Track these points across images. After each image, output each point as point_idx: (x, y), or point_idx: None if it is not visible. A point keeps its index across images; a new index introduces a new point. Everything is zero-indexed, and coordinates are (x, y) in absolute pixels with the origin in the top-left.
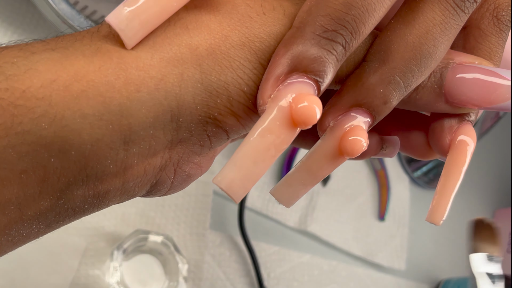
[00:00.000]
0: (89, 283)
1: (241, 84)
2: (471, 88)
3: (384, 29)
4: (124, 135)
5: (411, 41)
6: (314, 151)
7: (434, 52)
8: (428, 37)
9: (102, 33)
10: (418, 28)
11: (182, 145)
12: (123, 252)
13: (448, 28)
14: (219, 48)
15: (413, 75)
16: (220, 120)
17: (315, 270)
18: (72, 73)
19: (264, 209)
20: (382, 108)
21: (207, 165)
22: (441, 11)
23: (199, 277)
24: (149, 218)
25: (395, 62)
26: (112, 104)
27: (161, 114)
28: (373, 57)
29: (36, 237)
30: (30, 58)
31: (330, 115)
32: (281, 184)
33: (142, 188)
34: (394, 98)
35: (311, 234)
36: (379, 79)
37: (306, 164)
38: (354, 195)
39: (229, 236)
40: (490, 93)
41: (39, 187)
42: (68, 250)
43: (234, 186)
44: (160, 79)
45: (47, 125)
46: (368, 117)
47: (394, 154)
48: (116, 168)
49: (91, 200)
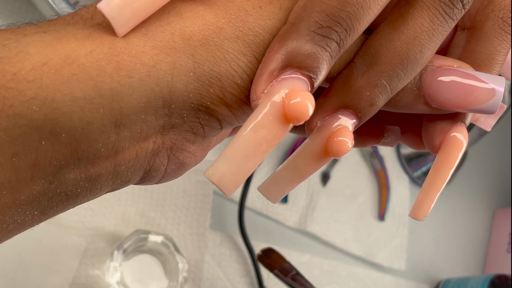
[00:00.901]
0: (89, 283)
1: (235, 76)
2: (449, 90)
3: (374, 32)
4: (115, 119)
5: (399, 47)
6: (301, 150)
7: (421, 57)
8: (416, 43)
9: (96, 20)
10: (406, 33)
11: (174, 131)
12: (123, 252)
13: (435, 35)
14: (213, 40)
15: (399, 79)
16: (213, 109)
17: (315, 270)
18: (63, 56)
19: (264, 209)
20: (368, 110)
21: (201, 155)
22: (429, 18)
23: (199, 277)
24: (149, 218)
25: (382, 66)
26: (103, 88)
27: (152, 100)
28: (361, 59)
29: (31, 225)
30: (22, 40)
31: (317, 116)
32: (269, 181)
33: (135, 174)
34: (380, 101)
35: (311, 234)
36: (367, 82)
37: (293, 163)
38: (354, 195)
39: (229, 236)
40: (468, 96)
41: (31, 170)
42: (68, 250)
43: (225, 180)
44: (152, 66)
45: (38, 107)
46: (355, 119)
47: (395, 144)
48: (107, 151)
49: (83, 183)
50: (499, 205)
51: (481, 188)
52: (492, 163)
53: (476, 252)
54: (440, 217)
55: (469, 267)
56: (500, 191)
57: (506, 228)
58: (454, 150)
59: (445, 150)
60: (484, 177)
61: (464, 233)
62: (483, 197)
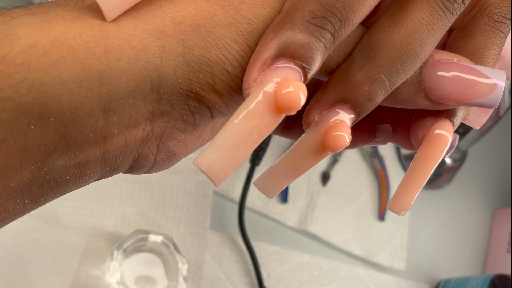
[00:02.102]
0: (89, 283)
1: (225, 63)
2: (449, 84)
3: (373, 26)
4: (103, 103)
5: (398, 41)
6: (298, 145)
7: (420, 52)
8: (415, 37)
9: (86, 2)
10: (406, 27)
11: (164, 118)
12: (123, 252)
13: (435, 29)
14: (204, 25)
15: (398, 73)
16: (203, 95)
17: (315, 270)
18: (52, 38)
19: (264, 209)
20: (366, 105)
21: (192, 145)
22: (429, 12)
23: (199, 277)
24: (149, 218)
25: (381, 60)
26: (91, 72)
27: (141, 84)
28: (360, 53)
29: (23, 213)
30: (10, 23)
31: (315, 110)
32: (265, 176)
33: (123, 161)
34: (379, 96)
35: (311, 234)
36: (365, 76)
37: (290, 157)
38: (354, 195)
39: (229, 236)
40: (468, 89)
41: (20, 156)
42: (68, 250)
43: (214, 168)
44: (141, 49)
45: (26, 91)
46: (353, 113)
47: (387, 142)
48: (95, 136)
49: (72, 170)
50: (499, 205)
51: (481, 188)
52: (492, 163)
53: (476, 252)
54: (440, 217)
55: (469, 267)
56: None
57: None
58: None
59: (426, 145)
60: (484, 177)
61: (464, 233)
62: (483, 197)
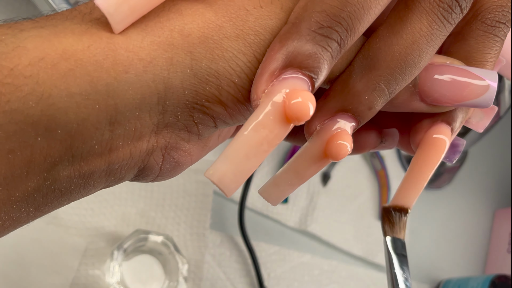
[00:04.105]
0: (89, 283)
1: (233, 75)
2: (443, 86)
3: (373, 35)
4: (110, 116)
5: (398, 51)
6: (301, 154)
7: (419, 62)
8: (414, 47)
9: (95, 15)
10: (405, 38)
11: (168, 129)
12: (123, 252)
13: (434, 40)
14: (212, 38)
15: (397, 82)
16: (208, 107)
17: (316, 270)
18: (60, 51)
19: (264, 209)
20: (366, 114)
21: (197, 154)
22: (428, 23)
23: (199, 277)
24: (149, 218)
25: (381, 70)
26: (99, 84)
27: (147, 96)
28: (360, 62)
29: (27, 221)
30: (19, 35)
31: (317, 119)
32: (269, 184)
33: (128, 172)
34: (378, 104)
35: (311, 234)
36: (365, 86)
37: (293, 166)
38: (355, 195)
39: (229, 236)
40: (462, 90)
41: (26, 167)
42: (68, 250)
43: (225, 180)
44: (149, 61)
45: (34, 103)
46: (353, 121)
47: (394, 146)
48: (101, 148)
49: (76, 180)
50: (499, 205)
51: (481, 188)
52: (492, 163)
53: (476, 252)
54: (440, 217)
55: (470, 267)
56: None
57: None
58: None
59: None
60: (484, 177)
61: (465, 233)
62: (483, 197)
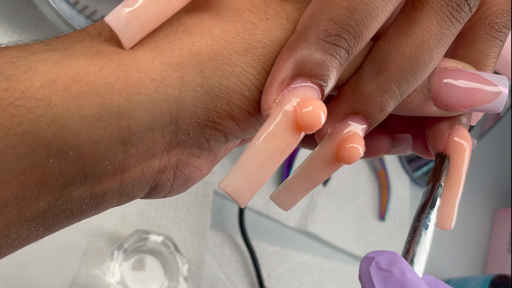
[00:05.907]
0: (89, 283)
1: (243, 89)
2: (457, 91)
3: (382, 37)
4: (122, 137)
5: (408, 52)
6: (312, 158)
7: (429, 61)
8: (424, 47)
9: (104, 37)
10: (415, 38)
11: (180, 147)
12: (123, 252)
13: (443, 39)
14: (221, 54)
15: (408, 83)
16: (219, 123)
17: (316, 270)
18: (72, 73)
19: (264, 209)
20: (378, 116)
21: (207, 168)
22: (437, 22)
23: (199, 277)
24: (149, 218)
25: (391, 71)
26: (111, 106)
27: (160, 117)
28: (370, 65)
29: (36, 240)
30: (30, 58)
31: (328, 123)
32: (281, 189)
33: (140, 190)
34: (390, 106)
35: (311, 234)
36: (376, 88)
37: (305, 170)
38: (355, 195)
39: (230, 236)
40: (475, 96)
41: (37, 188)
42: (68, 250)
43: (240, 190)
44: (160, 81)
45: (46, 125)
46: (365, 124)
47: (408, 151)
48: (113, 169)
49: (88, 201)
50: (499, 205)
51: (481, 188)
52: (492, 163)
53: (476, 252)
54: None
55: (470, 267)
56: (501, 191)
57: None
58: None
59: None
60: (484, 177)
61: (465, 233)
62: (483, 197)
